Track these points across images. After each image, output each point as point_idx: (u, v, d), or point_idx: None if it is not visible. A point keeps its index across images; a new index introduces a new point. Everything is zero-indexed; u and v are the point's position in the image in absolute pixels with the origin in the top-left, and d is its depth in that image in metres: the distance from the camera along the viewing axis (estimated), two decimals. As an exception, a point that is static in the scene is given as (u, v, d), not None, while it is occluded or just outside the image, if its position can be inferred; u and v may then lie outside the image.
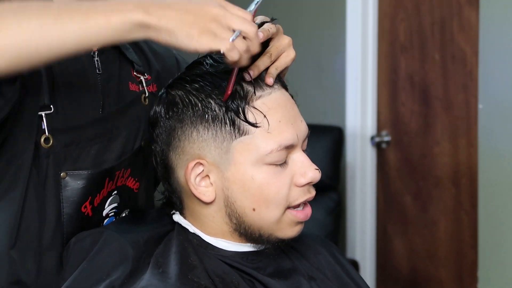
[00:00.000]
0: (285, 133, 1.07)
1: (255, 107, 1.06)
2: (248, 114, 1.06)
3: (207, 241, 1.13)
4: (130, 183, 1.24)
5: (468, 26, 2.47)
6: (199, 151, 1.08)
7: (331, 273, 1.22)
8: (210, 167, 1.08)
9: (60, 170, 1.13)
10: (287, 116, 1.09)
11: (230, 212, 1.10)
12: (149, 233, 1.15)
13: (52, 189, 1.13)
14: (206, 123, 1.07)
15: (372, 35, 2.80)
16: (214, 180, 1.09)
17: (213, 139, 1.07)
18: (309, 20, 2.98)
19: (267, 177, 1.07)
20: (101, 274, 1.07)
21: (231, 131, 1.06)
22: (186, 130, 1.08)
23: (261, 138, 1.06)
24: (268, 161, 1.07)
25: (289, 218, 1.11)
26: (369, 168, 2.85)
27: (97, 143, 1.15)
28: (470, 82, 2.48)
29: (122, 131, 1.20)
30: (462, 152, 2.53)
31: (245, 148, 1.07)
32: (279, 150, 1.07)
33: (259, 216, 1.09)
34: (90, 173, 1.15)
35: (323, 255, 1.25)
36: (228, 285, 1.08)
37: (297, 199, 1.10)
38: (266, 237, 1.11)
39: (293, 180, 1.09)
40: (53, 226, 1.13)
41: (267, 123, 1.06)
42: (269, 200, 1.08)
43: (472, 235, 2.49)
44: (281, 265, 1.16)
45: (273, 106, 1.07)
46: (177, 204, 1.16)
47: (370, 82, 2.82)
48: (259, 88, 1.07)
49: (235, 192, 1.08)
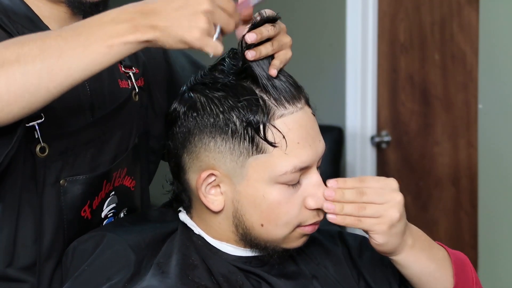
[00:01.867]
0: (302, 156, 1.06)
1: (275, 126, 1.05)
2: (267, 133, 1.05)
3: (212, 243, 1.12)
4: (127, 182, 1.24)
5: (468, 26, 2.47)
6: (214, 161, 1.07)
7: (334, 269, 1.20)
8: (223, 178, 1.08)
9: (59, 177, 1.11)
10: (306, 138, 1.07)
11: (237, 223, 1.09)
12: (152, 234, 1.14)
13: (50, 198, 1.12)
14: (225, 136, 1.06)
15: (372, 35, 2.80)
16: (225, 190, 1.08)
17: (230, 152, 1.06)
18: (309, 20, 2.98)
19: (278, 197, 1.07)
20: (102, 277, 1.06)
21: (249, 147, 1.05)
22: (204, 138, 1.07)
23: (277, 158, 1.05)
24: (281, 181, 1.06)
25: (297, 233, 1.11)
26: (369, 168, 2.84)
27: (92, 147, 1.14)
28: (470, 82, 2.48)
29: (116, 132, 1.19)
30: (462, 152, 2.53)
31: (260, 166, 1.06)
32: (293, 172, 1.06)
33: (266, 231, 1.09)
34: (88, 177, 1.14)
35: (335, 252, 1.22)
36: (233, 284, 1.08)
37: (306, 221, 1.09)
38: (272, 248, 1.11)
39: (305, 201, 1.08)
40: (51, 235, 1.13)
41: (285, 144, 1.05)
42: (279, 219, 1.07)
43: (472, 235, 2.49)
44: (286, 268, 1.15)
45: (294, 127, 1.06)
46: (186, 202, 1.15)
47: (370, 82, 2.82)
48: (281, 107, 1.06)
49: (245, 206, 1.08)
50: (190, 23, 0.96)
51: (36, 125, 1.08)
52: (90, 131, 1.15)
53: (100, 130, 1.16)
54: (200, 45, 0.97)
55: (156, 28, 0.96)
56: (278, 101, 1.06)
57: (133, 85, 1.24)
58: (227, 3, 1.00)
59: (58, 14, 1.15)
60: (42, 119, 1.08)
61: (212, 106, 1.06)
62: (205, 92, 1.08)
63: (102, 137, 1.17)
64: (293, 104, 1.07)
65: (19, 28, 1.11)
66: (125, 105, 1.21)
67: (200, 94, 1.08)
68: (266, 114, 1.05)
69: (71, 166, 1.13)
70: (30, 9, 1.13)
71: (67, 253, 1.13)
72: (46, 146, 1.09)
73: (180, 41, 0.97)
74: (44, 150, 1.10)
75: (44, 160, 1.10)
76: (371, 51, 2.80)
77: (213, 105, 1.06)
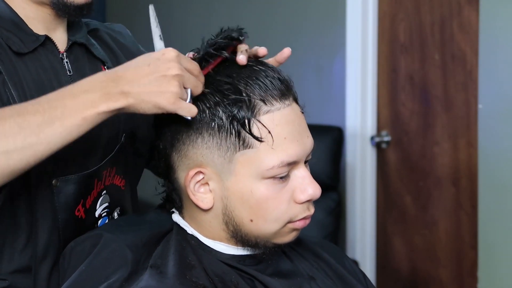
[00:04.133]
0: (289, 150, 1.07)
1: (261, 122, 1.06)
2: (253, 127, 1.06)
3: (205, 243, 1.13)
4: (117, 181, 1.25)
5: (468, 26, 2.47)
6: (202, 158, 1.08)
7: (332, 273, 1.22)
8: (211, 174, 1.08)
9: (51, 178, 1.13)
10: (294, 133, 1.08)
11: (227, 220, 1.10)
12: (148, 234, 1.15)
13: (44, 199, 1.13)
14: (212, 131, 1.07)
15: (372, 35, 2.80)
16: (214, 188, 1.09)
17: (217, 148, 1.07)
18: (309, 20, 2.98)
19: (266, 192, 1.07)
20: (99, 276, 1.07)
21: (235, 142, 1.06)
22: (192, 135, 1.08)
23: (264, 153, 1.06)
24: (269, 175, 1.07)
25: (288, 228, 1.11)
26: (369, 168, 2.85)
27: (81, 147, 1.15)
28: (470, 82, 2.48)
29: (104, 132, 1.20)
30: (462, 152, 2.53)
31: (248, 161, 1.07)
32: (280, 166, 1.07)
33: (256, 227, 1.09)
34: (80, 176, 1.15)
35: (323, 256, 1.25)
36: (227, 284, 1.08)
37: (296, 215, 1.10)
38: (263, 244, 1.12)
39: (293, 196, 1.09)
40: (46, 236, 1.13)
41: (271, 139, 1.06)
42: (267, 214, 1.08)
43: (472, 235, 2.49)
44: (280, 266, 1.16)
45: (280, 122, 1.07)
46: (177, 201, 1.16)
47: (370, 82, 2.82)
48: (268, 103, 1.07)
49: (234, 202, 1.09)
50: (161, 88, 1.00)
51: None
52: None
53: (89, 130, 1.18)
54: (175, 108, 1.01)
55: (128, 95, 0.99)
56: (264, 98, 1.07)
57: None
58: (193, 65, 1.04)
59: (43, 15, 1.17)
60: None
61: (199, 102, 1.07)
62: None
63: (91, 137, 1.17)
64: (280, 101, 1.08)
65: (3, 33, 1.13)
66: None
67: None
68: (251, 110, 1.06)
69: (62, 166, 1.14)
70: (14, 13, 1.15)
71: (65, 254, 1.13)
72: None
73: (154, 106, 1.00)
74: None
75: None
76: (371, 51, 2.80)
77: (199, 102, 1.07)
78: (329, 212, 2.74)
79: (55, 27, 1.19)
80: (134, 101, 1.00)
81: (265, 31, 3.04)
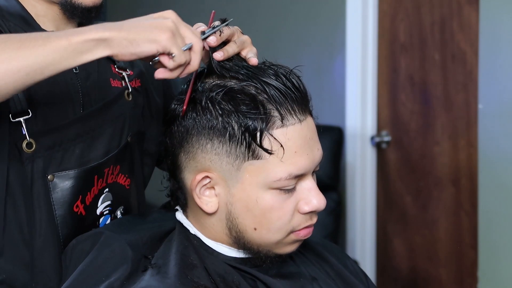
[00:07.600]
0: (298, 163, 1.07)
1: (273, 136, 1.05)
2: (264, 140, 1.05)
3: (207, 244, 1.13)
4: (121, 180, 1.24)
5: (468, 26, 2.47)
6: (210, 162, 1.08)
7: (334, 274, 1.22)
8: (218, 180, 1.08)
9: (47, 172, 1.12)
10: (304, 147, 1.07)
11: (231, 225, 1.10)
12: (149, 234, 1.15)
13: (40, 193, 1.12)
14: (223, 138, 1.06)
15: (372, 35, 2.80)
16: (219, 192, 1.09)
17: (227, 155, 1.06)
18: (309, 20, 2.98)
19: (271, 202, 1.07)
20: (100, 275, 1.07)
21: (245, 152, 1.06)
22: (202, 139, 1.08)
23: (273, 165, 1.06)
24: (275, 186, 1.07)
25: (290, 239, 1.11)
26: (369, 168, 2.85)
27: (80, 142, 1.15)
28: (470, 82, 2.48)
29: (106, 129, 1.20)
30: (462, 152, 2.53)
31: (256, 171, 1.06)
32: (288, 178, 1.06)
33: (259, 235, 1.09)
34: (77, 172, 1.14)
35: (325, 256, 1.25)
36: (229, 284, 1.08)
37: (299, 225, 1.10)
38: (264, 253, 1.12)
39: (297, 206, 1.09)
40: (44, 230, 1.13)
41: (282, 152, 1.06)
42: (271, 224, 1.08)
43: (472, 235, 2.49)
44: (283, 267, 1.16)
45: (293, 136, 1.06)
46: (182, 200, 1.16)
47: (370, 82, 2.82)
48: (284, 119, 1.06)
49: (238, 209, 1.08)
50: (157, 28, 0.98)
51: (23, 121, 1.09)
52: (77, 126, 1.16)
53: (89, 126, 1.17)
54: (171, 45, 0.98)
55: (121, 30, 0.98)
56: (280, 112, 1.06)
57: (126, 85, 1.25)
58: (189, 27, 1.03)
59: (52, 14, 1.17)
60: (29, 115, 1.10)
61: (212, 108, 1.06)
62: (207, 93, 1.08)
63: (91, 133, 1.17)
64: (296, 116, 1.07)
65: (11, 26, 1.13)
66: (115, 103, 1.22)
67: (202, 95, 1.08)
68: (265, 123, 1.05)
69: (59, 161, 1.13)
70: (24, 9, 1.15)
71: (66, 251, 1.14)
72: (33, 141, 1.10)
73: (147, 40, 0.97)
74: (31, 146, 1.10)
75: (31, 156, 1.11)
76: (371, 51, 2.80)
77: (213, 108, 1.06)
78: (329, 212, 2.74)
79: (65, 27, 1.19)
80: (127, 35, 0.97)
81: (265, 31, 3.04)
